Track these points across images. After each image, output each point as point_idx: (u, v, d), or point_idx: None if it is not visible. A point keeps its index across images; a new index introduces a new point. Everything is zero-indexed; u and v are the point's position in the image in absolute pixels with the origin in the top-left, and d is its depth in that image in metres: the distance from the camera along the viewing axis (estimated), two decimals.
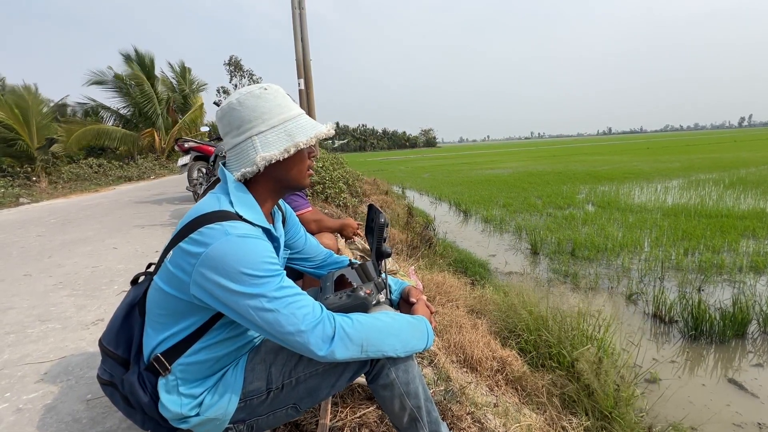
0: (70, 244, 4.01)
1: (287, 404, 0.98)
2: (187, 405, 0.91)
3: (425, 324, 1.01)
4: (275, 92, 0.96)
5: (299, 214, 2.01)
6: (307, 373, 0.96)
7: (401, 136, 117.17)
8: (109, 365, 0.99)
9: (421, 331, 0.98)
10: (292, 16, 6.47)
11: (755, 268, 4.51)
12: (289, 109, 0.97)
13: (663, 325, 3.48)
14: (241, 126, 0.93)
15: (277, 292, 0.83)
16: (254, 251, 0.83)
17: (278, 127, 0.93)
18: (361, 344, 0.87)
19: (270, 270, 0.84)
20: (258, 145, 0.92)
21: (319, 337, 0.84)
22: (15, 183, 9.57)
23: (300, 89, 6.69)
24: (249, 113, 0.93)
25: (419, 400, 0.99)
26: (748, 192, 8.98)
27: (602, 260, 5.13)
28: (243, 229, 0.85)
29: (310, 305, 0.86)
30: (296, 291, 0.87)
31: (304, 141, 0.93)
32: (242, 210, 0.90)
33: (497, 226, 7.45)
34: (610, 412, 2.04)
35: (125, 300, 1.03)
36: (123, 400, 0.98)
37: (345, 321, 0.87)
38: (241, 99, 0.93)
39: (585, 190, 10.75)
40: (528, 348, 2.58)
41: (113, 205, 6.72)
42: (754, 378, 2.75)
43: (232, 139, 0.95)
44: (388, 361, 0.96)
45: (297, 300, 0.85)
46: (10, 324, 2.15)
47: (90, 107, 16.23)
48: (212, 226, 0.84)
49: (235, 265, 0.81)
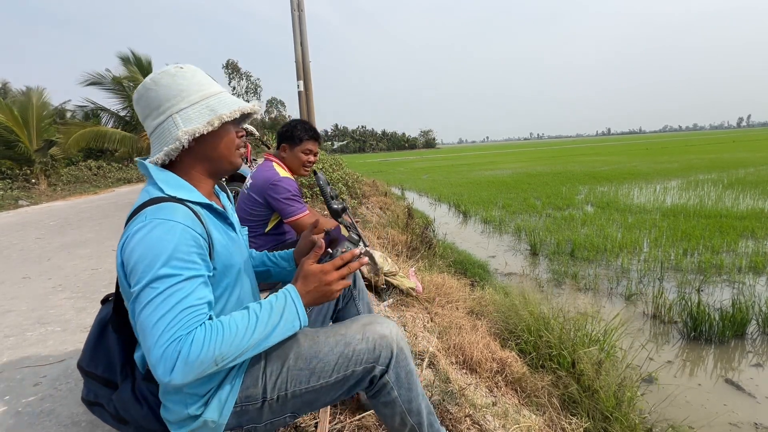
0: (69, 246, 4.00)
1: (284, 414, 0.96)
2: (192, 404, 0.89)
3: (286, 297, 0.86)
4: (193, 71, 0.92)
5: (295, 220, 1.96)
6: (302, 388, 0.93)
7: (400, 137, 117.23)
8: (92, 386, 0.97)
9: (285, 311, 0.84)
10: (291, 18, 6.49)
11: (754, 268, 4.52)
12: (209, 86, 0.93)
13: (662, 326, 3.49)
14: (161, 106, 0.88)
15: (158, 290, 0.73)
16: (155, 244, 0.76)
17: (199, 103, 0.89)
18: (214, 361, 0.75)
19: (165, 263, 0.75)
20: (179, 121, 0.87)
21: (161, 364, 0.71)
22: (14, 185, 9.57)
23: (299, 91, 6.70)
24: (166, 91, 0.88)
25: (421, 416, 0.99)
26: (747, 192, 8.99)
27: (601, 261, 5.13)
28: (164, 211, 0.79)
29: (180, 321, 0.73)
30: (184, 301, 0.75)
31: (227, 114, 0.89)
32: (173, 191, 0.85)
33: (497, 227, 7.45)
34: (611, 413, 2.04)
35: (96, 318, 1.00)
36: (113, 417, 0.95)
37: (194, 341, 0.73)
38: (155, 78, 0.89)
39: (584, 191, 10.76)
40: (528, 349, 2.58)
41: (112, 207, 6.72)
42: (750, 378, 2.76)
43: (153, 121, 0.90)
44: (391, 378, 0.94)
45: (175, 310, 0.73)
46: (10, 327, 2.15)
47: (90, 110, 16.24)
48: (135, 217, 0.80)
49: (133, 255, 0.76)
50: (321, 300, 0.90)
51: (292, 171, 2.11)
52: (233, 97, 0.96)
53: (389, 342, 0.94)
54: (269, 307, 0.84)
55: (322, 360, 0.92)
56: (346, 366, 0.92)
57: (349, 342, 0.93)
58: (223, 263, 0.90)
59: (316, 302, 0.90)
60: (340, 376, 0.92)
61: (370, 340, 0.93)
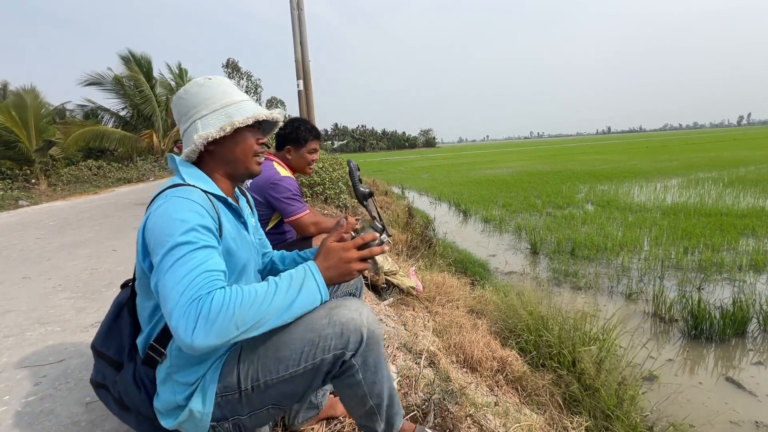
0: (69, 246, 4.00)
1: (265, 405, 0.93)
2: (181, 393, 0.89)
3: (306, 270, 0.86)
4: (219, 81, 1.01)
5: (296, 219, 1.96)
6: (273, 378, 0.89)
7: (400, 136, 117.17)
8: (102, 367, 1.00)
9: (304, 284, 0.84)
10: (291, 17, 6.48)
11: (755, 266, 4.51)
12: (233, 95, 1.00)
13: (663, 325, 3.48)
14: (188, 112, 0.98)
15: (178, 255, 0.76)
16: (176, 215, 0.81)
17: (219, 111, 0.97)
18: (234, 323, 0.74)
19: (185, 232, 0.79)
20: (199, 126, 0.96)
21: (182, 322, 0.72)
22: (14, 185, 9.57)
23: (299, 90, 6.69)
24: (193, 99, 0.98)
25: (382, 398, 0.97)
26: (748, 190, 8.98)
27: (602, 260, 5.13)
28: (184, 192, 0.87)
29: (200, 282, 0.75)
30: (202, 265, 0.77)
31: (240, 120, 0.95)
32: (193, 180, 0.92)
33: (497, 226, 7.45)
34: (612, 411, 2.04)
35: (114, 300, 1.04)
36: (116, 402, 0.97)
37: (214, 300, 0.74)
38: (187, 88, 0.99)
39: (584, 190, 10.75)
40: (528, 348, 2.57)
41: (112, 207, 6.72)
42: (751, 376, 2.75)
43: (182, 126, 1.00)
44: (358, 362, 0.90)
45: (194, 273, 0.76)
46: (9, 327, 2.14)
47: (90, 109, 16.24)
48: (156, 198, 0.88)
49: (156, 225, 0.81)
50: (340, 278, 0.90)
51: (298, 171, 2.15)
52: (254, 105, 1.01)
53: (357, 325, 0.88)
54: (288, 278, 0.84)
55: (289, 347, 0.87)
56: (314, 354, 0.87)
57: (315, 327, 0.87)
58: (227, 251, 0.93)
59: (335, 280, 0.89)
60: (309, 365, 0.87)
61: (337, 324, 0.87)
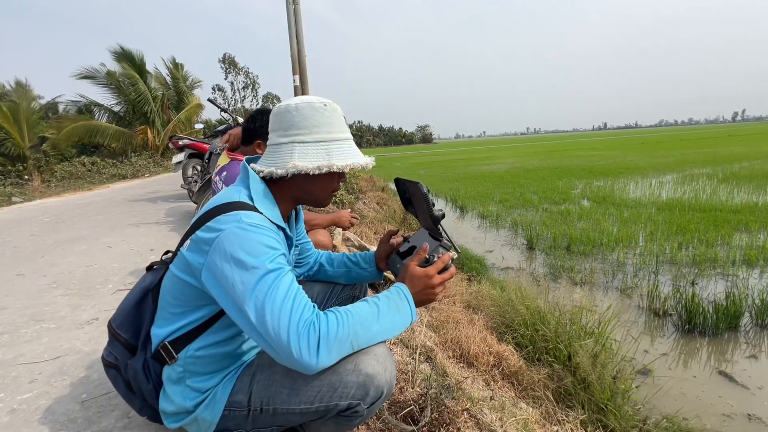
0: (63, 243, 3.97)
1: (269, 426, 0.93)
2: (192, 399, 0.90)
3: (399, 293, 0.89)
4: (333, 111, 0.97)
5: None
6: (284, 408, 0.89)
7: (397, 132, 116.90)
8: (116, 348, 1.00)
9: (400, 306, 0.87)
10: (286, 11, 6.42)
11: (748, 261, 4.55)
12: (340, 130, 0.97)
13: (657, 319, 3.51)
14: (289, 129, 0.94)
15: (272, 280, 0.79)
16: (261, 240, 0.83)
17: (321, 143, 0.94)
18: (350, 342, 0.79)
19: (273, 259, 0.82)
20: (296, 152, 0.93)
21: (304, 344, 0.74)
22: (7, 182, 9.47)
23: (295, 85, 6.65)
24: (300, 120, 0.94)
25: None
26: (742, 186, 9.05)
27: (598, 255, 5.16)
28: (256, 219, 0.86)
29: (303, 305, 0.79)
30: (296, 288, 0.81)
31: (339, 165, 0.93)
32: (260, 205, 0.91)
33: (494, 221, 7.47)
34: (606, 404, 2.06)
35: (140, 284, 1.03)
36: (125, 384, 0.98)
37: (329, 320, 0.78)
38: (299, 105, 0.95)
39: (580, 186, 10.78)
40: (524, 343, 2.59)
41: (107, 204, 6.66)
42: (744, 369, 2.79)
43: (277, 137, 0.96)
44: (365, 414, 0.88)
45: (292, 296, 0.79)
46: (4, 324, 2.13)
47: (83, 105, 16.04)
48: (229, 213, 0.85)
49: (240, 249, 0.80)
50: (423, 302, 0.94)
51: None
52: (354, 149, 0.99)
53: (381, 383, 0.85)
54: (386, 299, 0.87)
55: (308, 383, 0.86)
56: (330, 397, 0.85)
57: (338, 369, 0.83)
58: None
59: (419, 304, 0.92)
60: (322, 406, 0.86)
61: (362, 374, 0.84)
